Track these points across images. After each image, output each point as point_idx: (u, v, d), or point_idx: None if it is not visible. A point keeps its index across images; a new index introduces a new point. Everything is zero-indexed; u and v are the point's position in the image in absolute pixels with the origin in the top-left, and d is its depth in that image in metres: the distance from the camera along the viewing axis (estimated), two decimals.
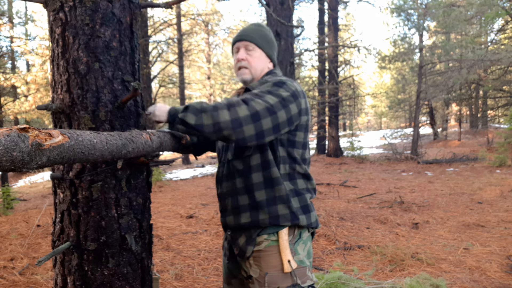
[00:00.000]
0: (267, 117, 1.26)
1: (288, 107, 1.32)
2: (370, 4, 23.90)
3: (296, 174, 1.43)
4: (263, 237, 1.37)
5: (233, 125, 1.22)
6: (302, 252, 1.40)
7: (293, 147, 1.42)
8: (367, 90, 32.36)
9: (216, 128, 1.23)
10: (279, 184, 1.36)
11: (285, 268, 1.33)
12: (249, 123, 1.24)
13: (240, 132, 1.23)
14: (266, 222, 1.36)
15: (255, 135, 1.25)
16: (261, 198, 1.37)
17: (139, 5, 1.58)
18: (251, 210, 1.38)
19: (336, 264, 3.41)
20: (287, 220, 1.36)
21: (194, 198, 7.15)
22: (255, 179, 1.38)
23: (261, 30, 1.54)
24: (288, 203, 1.37)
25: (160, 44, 16.82)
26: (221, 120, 1.22)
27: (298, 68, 17.44)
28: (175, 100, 25.04)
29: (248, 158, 1.39)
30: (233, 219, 1.43)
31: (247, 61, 1.50)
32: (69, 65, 1.41)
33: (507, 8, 12.92)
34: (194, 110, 1.25)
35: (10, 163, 0.68)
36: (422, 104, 15.23)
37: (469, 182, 8.09)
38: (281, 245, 1.35)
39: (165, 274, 3.22)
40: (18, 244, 4.04)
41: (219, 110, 1.23)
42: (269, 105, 1.28)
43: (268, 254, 1.36)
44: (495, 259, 3.49)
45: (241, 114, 1.23)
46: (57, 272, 1.49)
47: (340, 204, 6.13)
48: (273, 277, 1.34)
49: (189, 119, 1.25)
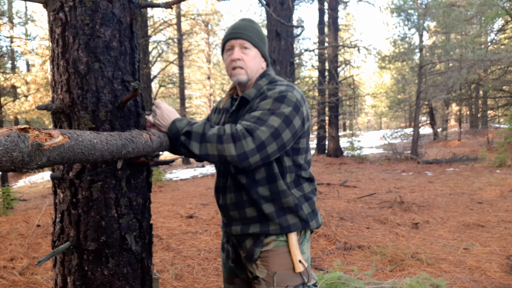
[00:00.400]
0: (273, 142, 1.25)
1: (292, 124, 1.29)
2: (370, 4, 23.91)
3: (301, 179, 1.43)
4: (271, 238, 1.37)
5: (240, 159, 1.22)
6: (307, 251, 1.41)
7: (298, 154, 1.41)
8: (367, 90, 32.36)
9: (221, 160, 1.23)
10: (286, 196, 1.36)
11: (296, 268, 1.33)
12: (255, 154, 1.23)
13: (246, 163, 1.24)
14: (278, 231, 1.36)
15: (261, 160, 1.25)
16: (270, 210, 1.36)
17: (139, 5, 1.58)
18: (260, 222, 1.38)
19: (336, 264, 3.41)
20: (298, 228, 1.36)
21: (194, 198, 7.15)
22: (261, 192, 1.36)
23: (255, 27, 1.46)
24: (298, 212, 1.37)
25: (160, 44, 16.82)
26: (227, 155, 1.21)
27: (298, 68, 17.44)
28: (175, 100, 25.03)
29: (252, 172, 1.37)
30: (240, 229, 1.41)
31: (243, 61, 1.41)
32: (69, 65, 1.41)
33: (507, 8, 12.93)
34: (197, 138, 1.23)
35: (10, 163, 0.68)
36: (422, 104, 15.23)
37: (469, 182, 8.09)
38: (292, 246, 1.35)
39: (165, 274, 3.22)
40: (18, 244, 4.04)
41: (225, 144, 1.21)
42: (274, 129, 1.25)
43: (276, 253, 1.36)
44: (495, 259, 3.49)
45: (247, 149, 1.21)
46: (57, 272, 1.49)
47: (340, 204, 6.13)
48: (282, 276, 1.34)
49: (193, 147, 1.24)
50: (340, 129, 20.79)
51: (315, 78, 17.46)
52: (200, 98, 27.23)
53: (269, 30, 6.72)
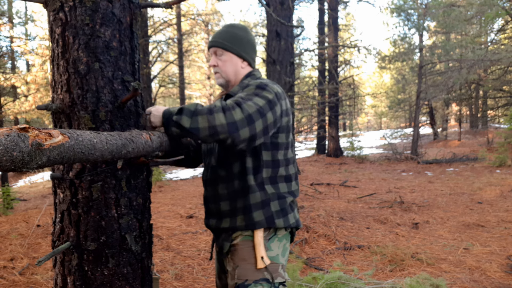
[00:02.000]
0: (259, 119, 1.27)
1: (274, 109, 1.33)
2: (370, 4, 23.92)
3: (278, 178, 1.44)
4: (238, 233, 1.41)
5: (230, 129, 1.22)
6: (277, 249, 1.41)
7: (277, 149, 1.43)
8: (367, 90, 32.35)
9: (211, 132, 1.22)
10: (253, 192, 1.38)
11: (258, 264, 1.35)
12: (245, 126, 1.24)
13: (236, 136, 1.23)
14: (243, 227, 1.39)
15: (248, 138, 1.26)
16: (240, 205, 1.39)
17: (139, 5, 1.58)
18: (230, 216, 1.42)
19: (336, 264, 3.41)
20: (262, 225, 1.38)
21: (194, 198, 7.15)
22: (236, 186, 1.41)
23: (231, 31, 1.53)
24: (264, 209, 1.38)
25: (160, 44, 16.81)
26: (217, 124, 1.21)
27: (298, 68, 17.45)
28: (175, 100, 25.05)
29: (230, 165, 1.41)
30: (215, 222, 1.47)
31: (218, 67, 1.53)
32: (69, 65, 1.41)
33: (507, 8, 12.92)
34: (189, 113, 1.25)
35: (10, 163, 0.68)
36: (422, 104, 15.23)
37: (469, 182, 8.09)
38: (256, 241, 1.37)
39: (165, 274, 3.22)
40: (18, 244, 4.04)
41: (215, 114, 1.22)
42: (259, 107, 1.28)
43: (241, 248, 1.38)
44: (495, 259, 3.49)
45: (237, 118, 1.23)
46: (57, 272, 1.49)
47: (340, 204, 6.13)
48: (243, 270, 1.36)
49: (184, 122, 1.24)
50: (340, 129, 20.79)
51: (315, 78, 17.45)
52: (200, 98, 27.23)
53: (269, 30, 6.72)
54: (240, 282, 1.34)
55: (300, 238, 4.18)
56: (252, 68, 1.59)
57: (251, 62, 1.57)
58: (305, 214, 4.98)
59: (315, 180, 9.26)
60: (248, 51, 1.55)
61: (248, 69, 1.57)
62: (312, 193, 7.27)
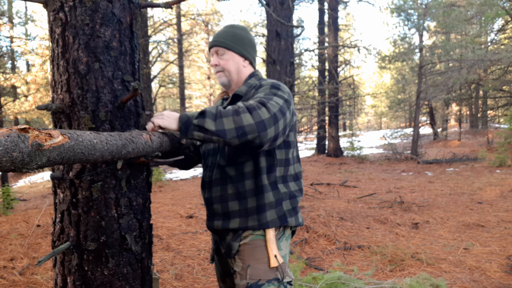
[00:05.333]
0: (281, 118, 1.27)
1: (289, 108, 1.34)
2: (370, 4, 23.91)
3: (288, 176, 1.45)
4: (249, 232, 1.39)
5: (259, 128, 1.20)
6: (285, 249, 1.41)
7: (289, 147, 1.44)
8: (367, 90, 32.35)
9: (239, 133, 1.20)
10: (267, 191, 1.37)
11: (271, 262, 1.34)
12: (271, 126, 1.23)
13: (264, 135, 1.21)
14: (256, 227, 1.37)
15: (273, 138, 1.25)
16: (252, 205, 1.38)
17: (139, 5, 1.58)
18: (240, 217, 1.39)
19: (336, 264, 3.41)
20: (276, 224, 1.38)
21: (194, 198, 7.15)
22: (247, 186, 1.39)
23: (231, 31, 1.55)
24: (277, 208, 1.38)
25: (160, 44, 16.81)
26: (245, 124, 1.19)
27: (298, 68, 17.44)
28: (175, 100, 25.04)
29: (241, 164, 1.40)
30: (221, 224, 1.44)
31: (220, 65, 1.54)
32: (69, 65, 1.41)
33: (507, 8, 12.92)
34: (212, 116, 1.22)
35: (10, 163, 0.68)
36: (422, 104, 15.23)
37: (469, 182, 8.09)
38: (269, 240, 1.36)
39: (165, 274, 3.22)
40: (18, 244, 4.04)
41: (241, 114, 1.20)
42: (280, 106, 1.28)
43: (252, 247, 1.37)
44: (495, 259, 3.49)
45: (264, 117, 1.21)
46: (57, 272, 1.49)
47: (340, 204, 6.13)
48: (255, 269, 1.34)
49: (209, 125, 1.21)
50: (340, 129, 20.79)
51: (315, 78, 17.45)
52: (200, 98, 27.22)
53: (269, 30, 6.72)
54: (253, 282, 1.33)
55: (300, 238, 4.18)
56: (253, 67, 1.59)
57: (252, 61, 1.58)
58: (305, 214, 4.98)
59: (315, 180, 9.26)
60: (249, 50, 1.56)
61: (249, 68, 1.57)
62: (312, 193, 7.27)
